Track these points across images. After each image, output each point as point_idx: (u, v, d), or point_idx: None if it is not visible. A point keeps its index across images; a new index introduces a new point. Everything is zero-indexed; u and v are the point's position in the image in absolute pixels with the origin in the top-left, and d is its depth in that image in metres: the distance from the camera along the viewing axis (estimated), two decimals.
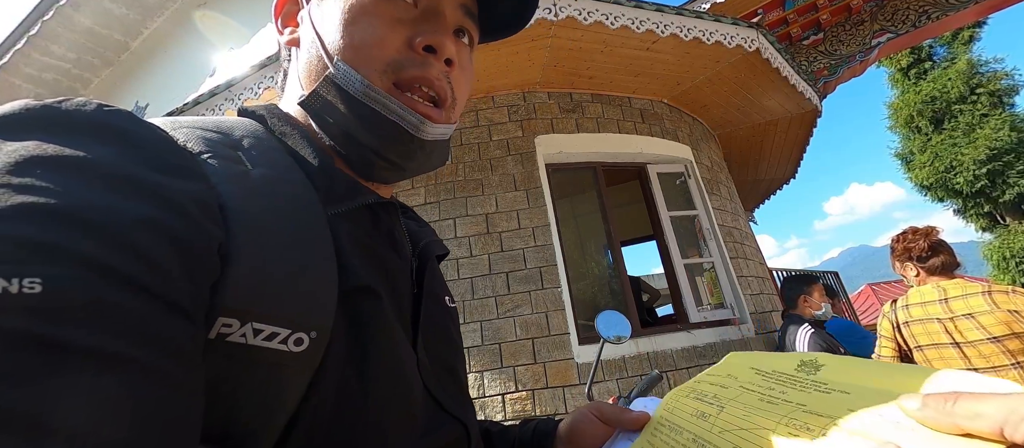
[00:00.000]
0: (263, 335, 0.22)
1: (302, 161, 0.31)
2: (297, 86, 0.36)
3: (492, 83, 2.82)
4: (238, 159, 0.27)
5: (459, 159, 2.73)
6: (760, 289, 3.09)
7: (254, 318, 0.22)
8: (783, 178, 5.46)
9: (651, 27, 2.49)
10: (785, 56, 3.12)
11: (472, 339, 2.31)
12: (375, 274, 0.30)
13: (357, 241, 0.31)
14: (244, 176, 0.25)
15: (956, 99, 11.51)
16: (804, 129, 4.17)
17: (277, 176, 0.27)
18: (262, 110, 0.35)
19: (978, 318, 1.38)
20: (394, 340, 0.29)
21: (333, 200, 0.30)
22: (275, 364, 0.22)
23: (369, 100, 0.32)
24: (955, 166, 11.20)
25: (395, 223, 0.37)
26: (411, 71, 0.33)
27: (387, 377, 0.28)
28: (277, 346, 0.22)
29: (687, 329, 2.57)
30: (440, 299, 0.39)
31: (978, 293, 1.41)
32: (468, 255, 2.48)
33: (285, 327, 0.22)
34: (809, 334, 1.96)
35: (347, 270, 0.28)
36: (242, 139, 0.29)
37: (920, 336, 1.51)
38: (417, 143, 0.34)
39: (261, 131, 0.31)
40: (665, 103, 3.34)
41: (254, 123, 0.33)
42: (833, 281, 6.53)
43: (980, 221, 11.62)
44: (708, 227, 3.04)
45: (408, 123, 0.33)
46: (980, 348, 1.37)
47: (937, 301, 1.49)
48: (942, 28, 4.05)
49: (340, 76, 0.32)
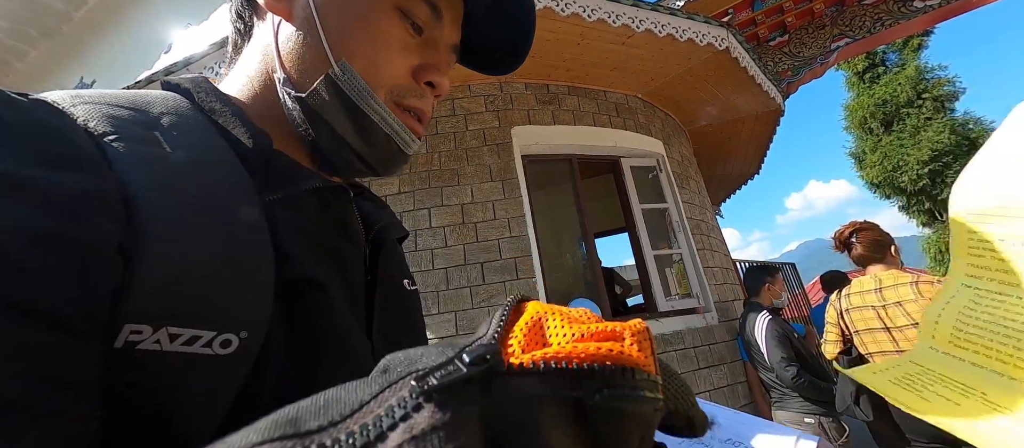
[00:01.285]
0: (181, 340, 0.20)
1: (235, 142, 0.28)
2: (269, 61, 0.33)
3: (469, 72, 2.77)
4: (154, 141, 0.24)
5: (434, 149, 2.69)
6: (724, 279, 3.24)
7: (170, 322, 0.20)
8: (748, 173, 5.70)
9: (627, 22, 2.52)
10: (753, 56, 3.24)
11: (446, 329, 2.31)
12: (321, 264, 0.29)
13: (299, 230, 0.29)
14: (160, 161, 0.23)
15: (905, 103, 12.33)
16: (768, 127, 4.36)
17: (202, 159, 0.25)
18: (188, 83, 0.31)
19: (905, 305, 1.50)
20: (342, 332, 0.28)
21: (271, 185, 0.28)
22: (200, 369, 0.20)
23: (370, 111, 0.32)
24: (901, 166, 12.04)
25: (347, 208, 0.35)
26: (411, 100, 0.35)
27: (333, 371, 0.26)
28: (200, 350, 0.20)
29: (656, 318, 2.67)
30: (399, 283, 0.39)
31: (907, 283, 1.53)
32: (443, 245, 2.47)
33: (208, 329, 0.21)
34: (767, 321, 2.08)
35: (287, 261, 0.26)
36: (161, 117, 0.26)
37: (858, 322, 1.64)
38: (403, 158, 0.36)
39: (187, 107, 0.28)
40: (639, 98, 3.41)
41: (179, 98, 0.29)
42: (790, 272, 6.92)
43: (921, 217, 12.58)
44: (677, 220, 3.15)
45: (401, 139, 0.34)
46: (906, 332, 1.50)
47: (873, 290, 1.61)
48: (894, 35, 4.32)
49: (345, 80, 0.31)
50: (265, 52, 0.34)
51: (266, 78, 0.34)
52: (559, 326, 0.16)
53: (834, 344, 1.73)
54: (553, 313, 0.17)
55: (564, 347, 0.15)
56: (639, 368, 0.15)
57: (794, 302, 6.31)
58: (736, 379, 2.75)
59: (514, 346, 0.16)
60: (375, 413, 0.12)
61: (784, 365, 1.95)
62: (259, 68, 0.34)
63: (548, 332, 0.16)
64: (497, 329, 0.17)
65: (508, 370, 0.14)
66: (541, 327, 0.17)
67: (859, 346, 1.65)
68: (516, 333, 0.16)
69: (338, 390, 0.14)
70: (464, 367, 0.13)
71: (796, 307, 6.35)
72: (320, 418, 0.12)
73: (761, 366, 2.12)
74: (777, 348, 1.99)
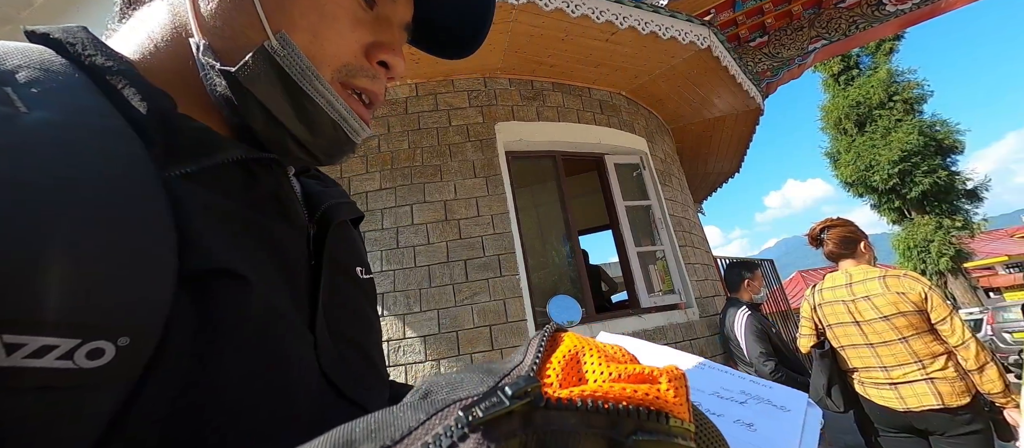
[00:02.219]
0: (25, 351, 0.15)
1: (124, 106, 0.23)
2: (181, 23, 0.28)
3: (452, 66, 2.75)
4: (2, 98, 0.19)
5: (417, 144, 2.65)
6: (705, 276, 3.29)
7: (4, 329, 0.15)
8: (729, 172, 5.81)
9: (610, 18, 2.52)
10: (733, 55, 3.29)
11: (429, 327, 2.28)
12: (242, 250, 0.24)
13: (214, 209, 0.24)
14: (6, 123, 0.18)
15: (877, 104, 12.80)
16: (748, 126, 4.45)
17: (69, 122, 0.19)
18: (59, 33, 0.25)
19: (873, 299, 1.55)
20: (270, 328, 0.24)
21: (176, 157, 0.23)
22: (53, 387, 0.16)
23: (314, 93, 0.28)
24: (873, 165, 12.51)
25: (281, 182, 0.30)
26: (362, 81, 0.31)
27: (254, 374, 0.22)
28: (53, 364, 0.16)
29: (638, 314, 2.69)
30: (349, 270, 0.35)
31: (875, 277, 1.58)
32: (426, 243, 2.43)
33: (67, 336, 0.16)
34: (746, 316, 2.12)
35: (194, 249, 0.21)
36: (16, 71, 0.20)
37: (829, 316, 1.68)
38: (350, 146, 0.32)
39: (56, 62, 0.22)
40: (623, 95, 3.42)
41: (46, 50, 0.23)
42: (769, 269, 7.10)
43: (891, 215, 13.12)
44: (660, 217, 3.18)
45: (350, 127, 0.30)
46: (874, 325, 1.54)
47: (844, 285, 1.66)
48: (868, 37, 4.45)
49: (284, 55, 0.26)
50: (175, 9, 0.28)
51: (174, 38, 0.28)
52: (596, 364, 0.17)
53: (808, 337, 1.78)
54: (590, 349, 0.18)
55: (602, 386, 0.15)
56: (673, 414, 0.15)
57: (772, 297, 6.47)
58: None
59: (552, 379, 0.16)
60: (423, 439, 0.13)
61: (763, 359, 1.99)
62: (165, 27, 0.28)
63: (585, 368, 0.17)
64: (535, 360, 0.17)
65: (547, 404, 0.14)
66: (578, 362, 0.17)
67: (831, 339, 1.70)
68: (554, 365, 0.17)
69: (385, 413, 0.14)
70: (507, 400, 0.13)
71: (774, 302, 6.52)
72: (372, 441, 0.13)
73: (740, 360, 2.16)
74: (756, 343, 2.03)
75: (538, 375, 0.16)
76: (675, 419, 0.15)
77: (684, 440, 0.15)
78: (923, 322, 1.48)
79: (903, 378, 1.50)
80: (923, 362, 1.47)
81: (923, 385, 1.46)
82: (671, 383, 0.16)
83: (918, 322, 1.48)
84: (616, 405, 0.14)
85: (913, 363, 1.48)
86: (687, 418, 0.15)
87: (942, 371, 1.45)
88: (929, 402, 1.44)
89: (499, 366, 0.17)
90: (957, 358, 1.45)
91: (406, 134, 2.66)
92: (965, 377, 1.44)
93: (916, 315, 1.47)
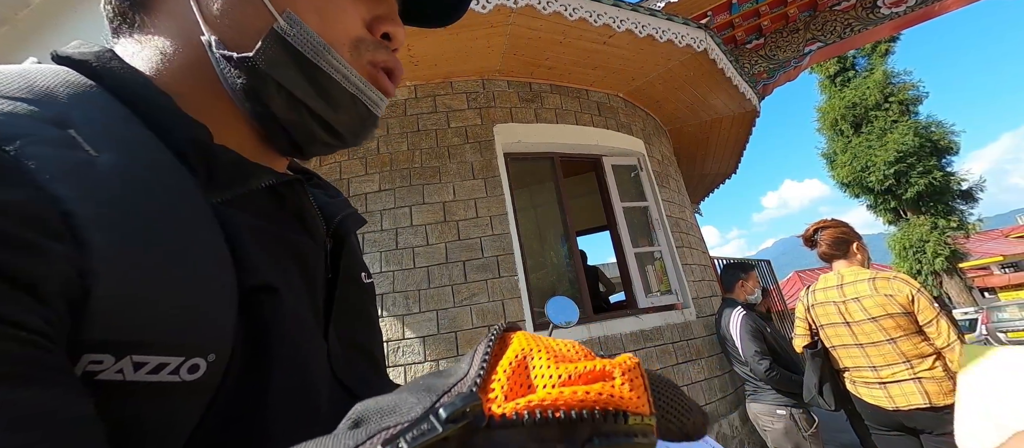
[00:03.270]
0: (147, 368, 0.18)
1: (165, 135, 0.24)
2: (188, 24, 0.27)
3: (451, 68, 2.77)
4: (72, 142, 0.20)
5: (416, 146, 2.66)
6: (702, 276, 3.31)
7: (133, 350, 0.18)
8: (726, 173, 5.85)
9: (608, 21, 2.54)
10: (730, 58, 3.32)
11: (428, 328, 2.29)
12: (278, 265, 0.27)
13: (256, 231, 0.26)
14: (87, 168, 0.19)
15: (873, 106, 12.86)
16: (745, 128, 4.48)
17: (134, 163, 0.21)
18: (90, 57, 0.25)
19: (862, 301, 1.57)
20: (299, 337, 0.26)
21: (217, 186, 0.25)
22: (165, 397, 0.19)
23: (330, 68, 0.28)
24: (869, 166, 12.56)
25: (304, 201, 0.32)
26: (378, 54, 0.31)
27: (289, 380, 0.25)
28: (167, 378, 0.19)
29: (636, 314, 2.71)
30: (357, 278, 0.37)
31: (865, 279, 1.60)
32: (425, 244, 2.44)
33: (175, 355, 0.19)
34: (742, 316, 2.14)
35: (246, 268, 0.23)
36: (71, 109, 0.21)
37: (821, 316, 1.71)
38: (372, 120, 0.32)
39: (95, 92, 0.23)
40: (621, 97, 3.45)
41: (80, 79, 0.24)
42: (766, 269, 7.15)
43: (887, 215, 13.17)
44: (657, 218, 3.21)
45: (369, 99, 0.31)
46: (863, 326, 1.57)
47: (835, 286, 1.68)
48: (863, 40, 4.49)
49: (294, 34, 0.27)
50: (181, 13, 0.28)
51: (189, 46, 0.28)
52: (545, 366, 0.15)
53: (802, 337, 1.80)
54: (539, 350, 0.16)
55: (551, 393, 0.14)
56: (631, 411, 0.14)
57: (769, 297, 6.51)
58: (713, 373, 2.82)
59: (497, 392, 0.15)
60: None
61: (757, 358, 2.01)
62: (175, 34, 0.28)
63: (534, 374, 0.15)
64: (480, 370, 0.15)
65: (490, 423, 0.13)
66: (526, 367, 0.16)
67: (824, 339, 1.73)
68: (499, 376, 0.15)
69: (308, 445, 0.13)
70: (440, 425, 0.12)
71: (771, 302, 6.56)
72: None
73: (735, 360, 2.18)
74: (751, 342, 2.05)
75: (481, 389, 0.15)
76: (634, 416, 0.14)
77: (644, 437, 0.14)
78: (911, 324, 1.50)
79: (892, 378, 1.52)
80: (911, 362, 1.49)
81: (911, 384, 1.49)
82: (625, 376, 0.15)
83: (906, 324, 1.50)
84: (568, 412, 0.13)
85: (901, 363, 1.50)
86: (647, 411, 0.14)
87: (930, 371, 1.47)
88: (916, 401, 1.47)
89: (441, 381, 0.15)
90: (945, 359, 1.47)
91: (405, 136, 2.67)
92: (953, 377, 1.46)
93: (904, 317, 1.49)
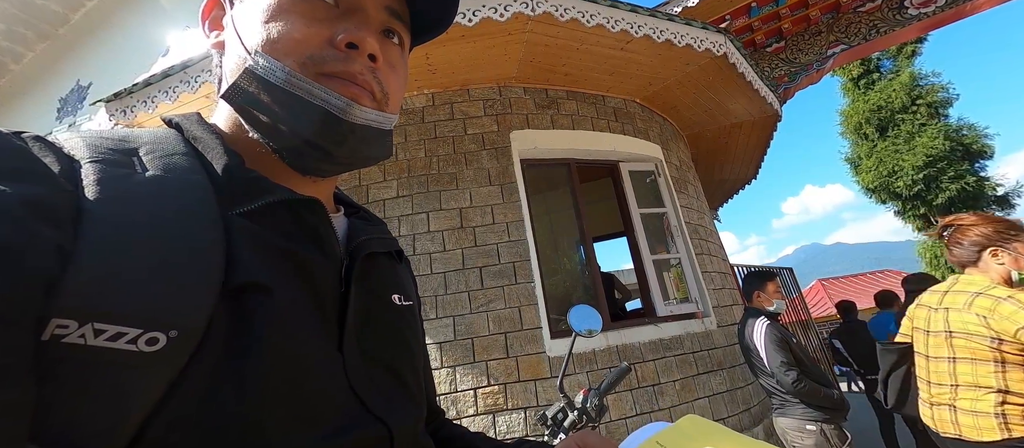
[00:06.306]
0: (106, 335, 0.21)
1: (209, 165, 0.32)
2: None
3: (468, 76, 2.79)
4: (128, 164, 0.28)
5: (433, 152, 2.69)
6: (722, 284, 3.24)
7: (95, 318, 0.21)
8: (745, 178, 5.72)
9: (625, 27, 2.53)
10: (750, 62, 3.26)
11: (445, 334, 2.29)
12: (273, 270, 0.30)
13: (259, 239, 0.30)
14: (124, 180, 0.26)
15: (899, 109, 12.43)
16: (765, 132, 4.38)
17: (166, 178, 0.28)
18: (181, 118, 0.36)
19: (950, 312, 1.41)
20: (289, 336, 0.29)
21: (235, 200, 0.31)
22: (122, 365, 0.22)
23: (292, 87, 0.32)
24: (896, 171, 12.12)
25: (322, 220, 0.35)
26: (333, 65, 0.33)
27: (275, 374, 0.27)
28: (124, 346, 0.22)
29: (654, 322, 2.66)
30: (384, 297, 0.39)
31: (970, 292, 1.38)
32: (441, 250, 2.46)
33: (135, 326, 0.22)
34: (765, 326, 2.07)
35: (236, 267, 0.27)
36: (142, 147, 0.30)
37: (916, 318, 1.58)
38: (347, 127, 0.33)
39: (173, 138, 0.33)
40: (637, 103, 3.42)
41: (170, 132, 0.34)
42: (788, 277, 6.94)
43: (916, 222, 12.64)
44: (676, 224, 3.15)
45: (334, 106, 0.32)
46: (935, 337, 1.45)
47: (942, 291, 1.50)
48: (889, 42, 4.35)
49: (261, 67, 0.32)
50: (220, 76, 0.38)
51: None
52: None
53: (901, 335, 1.66)
54: None
55: None
56: None
57: (792, 307, 6.31)
58: (735, 384, 2.74)
59: None
60: None
61: (784, 369, 1.94)
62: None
63: None
64: None
65: None
66: None
67: (913, 340, 1.61)
68: None
69: None
70: None
71: (793, 312, 6.36)
72: None
73: (761, 371, 2.11)
74: (776, 352, 1.98)
75: None
76: None
77: None
78: (988, 352, 1.31)
79: (935, 398, 1.43)
80: (957, 388, 1.37)
81: (944, 410, 1.39)
82: None
83: (981, 350, 1.32)
84: None
85: (948, 385, 1.40)
86: None
87: (973, 402, 1.34)
88: (947, 429, 1.38)
89: None
90: (1007, 398, 1.29)
91: (422, 142, 2.71)
92: (1002, 417, 1.30)
93: (984, 341, 1.30)
